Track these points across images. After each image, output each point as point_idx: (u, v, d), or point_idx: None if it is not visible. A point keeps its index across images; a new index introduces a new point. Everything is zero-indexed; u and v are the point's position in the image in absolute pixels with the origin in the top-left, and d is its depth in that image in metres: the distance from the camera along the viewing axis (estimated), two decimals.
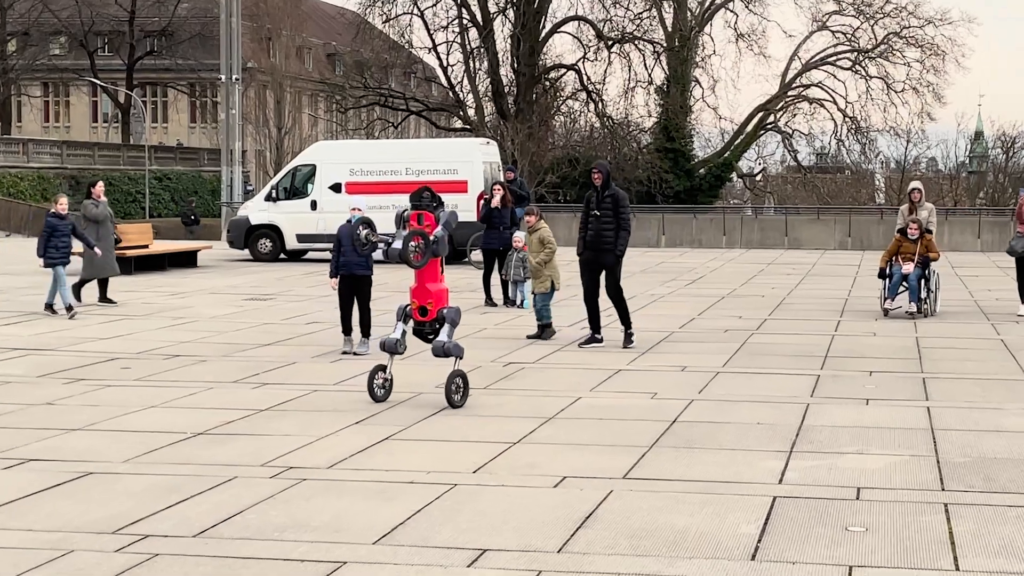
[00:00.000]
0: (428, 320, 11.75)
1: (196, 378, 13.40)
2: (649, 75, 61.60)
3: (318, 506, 8.18)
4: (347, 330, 15.30)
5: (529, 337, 16.54)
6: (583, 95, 61.79)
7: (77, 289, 19.88)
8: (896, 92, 62.58)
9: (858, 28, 63.26)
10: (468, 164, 31.07)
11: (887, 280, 19.09)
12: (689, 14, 62.34)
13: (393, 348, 11.74)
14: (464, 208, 30.96)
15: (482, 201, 30.18)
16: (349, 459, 9.52)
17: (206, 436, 10.37)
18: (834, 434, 10.36)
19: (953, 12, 75.91)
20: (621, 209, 15.50)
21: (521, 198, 29.70)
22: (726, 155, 65.14)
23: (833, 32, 64.06)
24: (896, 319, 18.56)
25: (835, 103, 64.12)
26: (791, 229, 42.21)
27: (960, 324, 18.12)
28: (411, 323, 11.87)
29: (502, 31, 60.47)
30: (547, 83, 62.22)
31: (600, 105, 61.23)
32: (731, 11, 62.92)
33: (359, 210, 14.42)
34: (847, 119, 63.88)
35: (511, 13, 59.39)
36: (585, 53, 61.17)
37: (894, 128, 64.41)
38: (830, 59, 64.44)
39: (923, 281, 18.90)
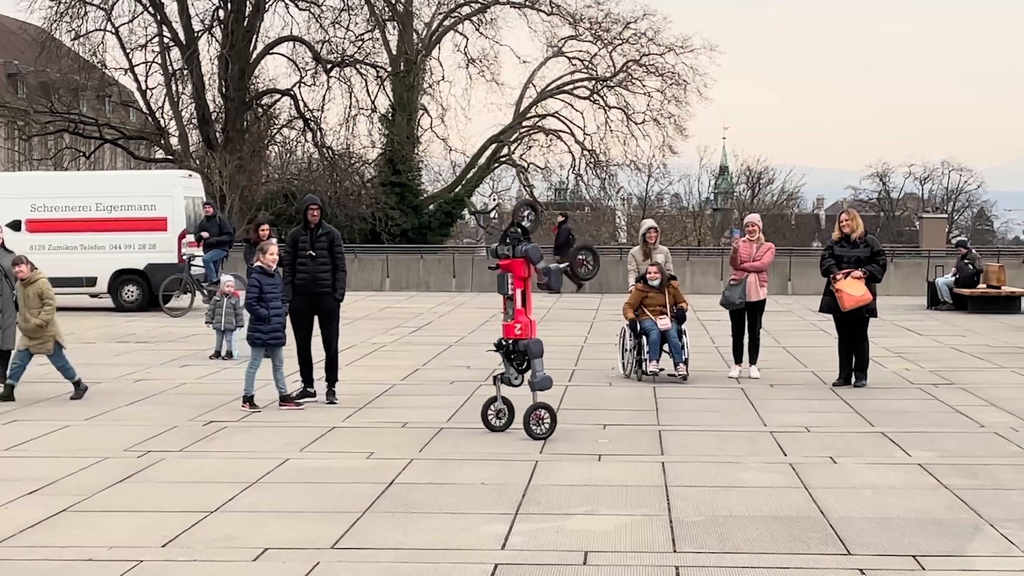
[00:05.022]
0: None
1: None
2: (372, 102, 61.68)
3: None
4: None
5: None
6: (300, 123, 61.50)
7: None
8: (636, 124, 64.11)
9: (596, 55, 64.67)
10: (167, 199, 30.63)
11: (642, 338, 17.89)
12: (416, 36, 62.67)
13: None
14: (163, 248, 30.58)
15: (201, 241, 29.86)
16: (19, 535, 9.21)
17: None
18: (563, 493, 10.54)
19: (695, 39, 78.09)
20: (336, 248, 15.65)
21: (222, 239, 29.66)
22: (457, 190, 65.64)
23: (570, 59, 65.29)
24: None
25: (573, 135, 65.30)
26: None
27: (700, 373, 18.67)
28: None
29: (208, 51, 59.76)
30: (260, 109, 61.63)
31: (319, 134, 60.97)
32: (461, 34, 63.58)
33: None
34: (585, 152, 65.14)
35: (218, 31, 58.71)
36: (301, 77, 60.87)
37: (635, 162, 66.03)
38: (567, 87, 65.67)
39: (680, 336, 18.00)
